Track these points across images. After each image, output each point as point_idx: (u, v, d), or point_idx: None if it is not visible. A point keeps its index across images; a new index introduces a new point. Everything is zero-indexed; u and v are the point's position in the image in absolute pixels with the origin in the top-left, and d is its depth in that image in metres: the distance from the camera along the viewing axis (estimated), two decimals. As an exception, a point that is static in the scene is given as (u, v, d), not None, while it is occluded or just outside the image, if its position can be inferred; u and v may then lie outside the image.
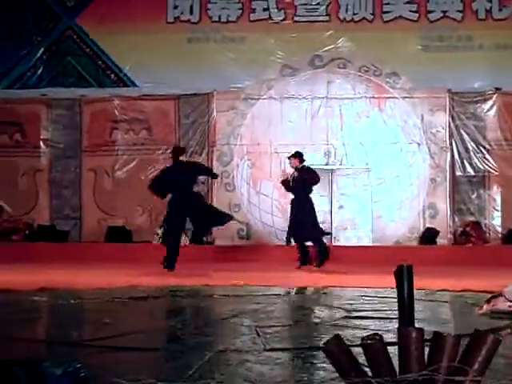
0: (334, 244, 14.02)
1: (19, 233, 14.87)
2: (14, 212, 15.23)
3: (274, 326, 5.26)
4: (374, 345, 2.98)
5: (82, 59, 15.27)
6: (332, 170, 14.37)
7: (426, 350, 2.93)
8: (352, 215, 14.36)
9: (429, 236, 14.14)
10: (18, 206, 15.17)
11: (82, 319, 5.83)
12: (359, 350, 3.06)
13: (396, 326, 5.24)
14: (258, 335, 4.72)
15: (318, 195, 14.16)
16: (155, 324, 5.40)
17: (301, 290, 8.23)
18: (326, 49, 14.65)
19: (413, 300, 3.12)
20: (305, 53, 14.64)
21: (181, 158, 11.55)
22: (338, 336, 3.13)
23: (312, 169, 12.18)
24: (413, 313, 3.10)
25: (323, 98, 14.59)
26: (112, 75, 15.24)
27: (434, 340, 2.92)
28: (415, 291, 7.08)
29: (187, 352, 4.18)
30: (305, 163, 12.01)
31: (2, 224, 15.00)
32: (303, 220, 11.59)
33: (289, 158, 12.09)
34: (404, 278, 3.11)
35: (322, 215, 14.11)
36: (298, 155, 11.95)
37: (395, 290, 7.67)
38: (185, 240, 14.49)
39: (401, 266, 3.13)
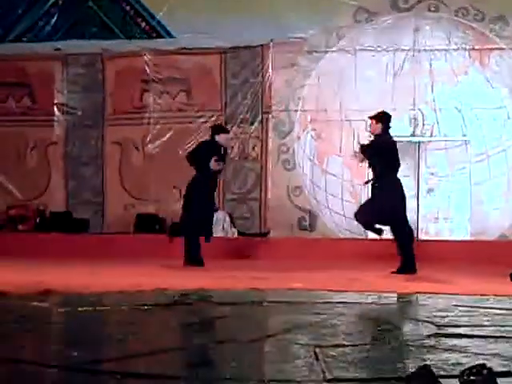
0: (421, 238, 13.91)
1: (28, 221, 15.07)
2: (21, 195, 15.42)
3: (338, 345, 4.93)
4: (481, 382, 2.56)
5: (104, 4, 15.31)
6: (419, 142, 14.25)
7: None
8: (445, 201, 14.20)
9: (543, 228, 13.84)
10: (27, 187, 15.36)
11: (87, 334, 5.57)
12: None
13: (505, 347, 4.90)
14: (317, 359, 4.41)
15: (400, 175, 13.95)
16: (181, 341, 5.12)
17: (376, 297, 7.89)
18: None
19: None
20: (385, -8, 14.38)
21: (217, 139, 11.58)
22: (426, 367, 2.75)
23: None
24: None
25: (409, 49, 14.40)
26: (142, 23, 15.28)
27: None
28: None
29: (217, 383, 3.89)
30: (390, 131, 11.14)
31: (8, 211, 15.10)
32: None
33: (370, 118, 11.24)
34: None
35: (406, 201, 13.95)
36: (381, 117, 10.92)
37: (501, 298, 7.21)
38: (232, 232, 14.42)
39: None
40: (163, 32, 15.18)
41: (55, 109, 15.43)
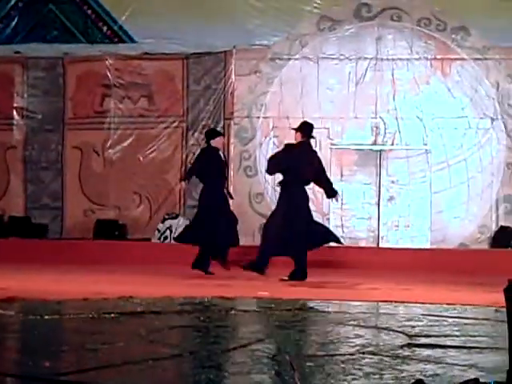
0: (381, 246, 13.93)
1: (-15, 226, 14.77)
2: (-22, 199, 15.11)
3: (313, 356, 4.87)
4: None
5: (66, 7, 15.15)
6: (381, 150, 14.27)
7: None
8: (405, 209, 14.21)
9: (503, 237, 13.95)
10: (-16, 191, 15.05)
11: (57, 342, 5.45)
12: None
13: (479, 357, 4.88)
14: (293, 369, 4.32)
15: (361, 183, 14.01)
16: (152, 351, 5.01)
17: (344, 305, 7.86)
18: None
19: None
20: (348, 1, 14.45)
21: (214, 144, 11.59)
22: (421, 381, 2.72)
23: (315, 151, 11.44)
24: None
25: (371, 58, 14.39)
26: (104, 28, 15.13)
27: None
28: (490, 308, 6.63)
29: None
30: (312, 140, 11.18)
31: (-35, 215, 14.92)
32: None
33: (293, 129, 11.35)
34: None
35: (367, 209, 13.99)
36: (304, 128, 11.08)
37: (467, 307, 7.21)
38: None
39: None
40: (125, 37, 15.05)
41: (15, 112, 15.22)
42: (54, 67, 15.16)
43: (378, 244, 14.14)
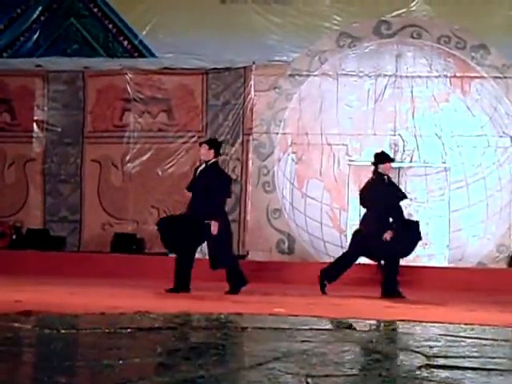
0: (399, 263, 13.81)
1: (3, 238, 14.96)
2: (-2, 212, 15.19)
3: (330, 375, 4.82)
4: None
5: (87, 21, 15.32)
6: (399, 168, 14.24)
7: None
8: (423, 227, 13.98)
9: (522, 256, 13.86)
10: (3, 204, 15.27)
11: (73, 357, 5.43)
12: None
13: (498, 380, 4.82)
14: (310, 389, 4.29)
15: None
16: (169, 367, 4.99)
17: (362, 324, 7.79)
18: (395, 13, 14.51)
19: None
20: (368, 18, 14.49)
21: (380, 170, 11.08)
22: None
23: (223, 172, 11.11)
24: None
25: (391, 75, 14.41)
26: (125, 42, 15.28)
27: None
28: (508, 328, 6.55)
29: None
30: (219, 158, 10.81)
31: (-16, 227, 14.98)
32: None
33: (200, 143, 11.01)
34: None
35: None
36: (211, 144, 10.68)
37: (485, 327, 7.15)
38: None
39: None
40: (145, 51, 15.18)
41: (35, 125, 15.36)
42: (74, 81, 15.29)
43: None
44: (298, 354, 5.72)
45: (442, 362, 5.50)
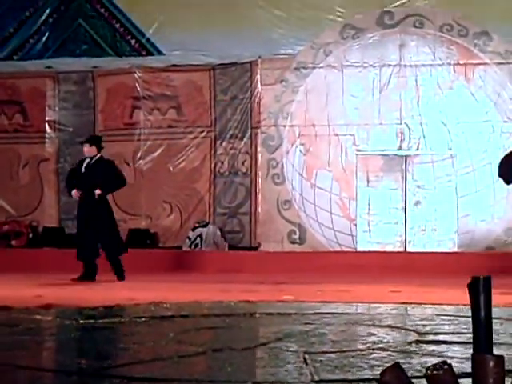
0: (408, 250, 14.14)
1: (21, 237, 15.28)
2: (14, 211, 15.65)
3: (326, 352, 5.30)
4: (441, 376, 3.01)
5: (95, 22, 15.66)
6: (406, 156, 14.53)
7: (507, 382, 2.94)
8: (431, 213, 14.45)
9: (530, 239, 14.03)
10: (19, 204, 15.63)
11: (91, 343, 5.97)
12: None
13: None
14: (306, 363, 4.78)
15: (388, 189, 14.31)
16: (179, 349, 5.49)
17: (364, 308, 8.26)
18: (398, 3, 14.71)
19: (491, 320, 3.13)
20: (371, 9, 14.72)
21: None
22: (397, 365, 3.17)
23: (113, 165, 12.05)
24: (491, 336, 3.12)
25: (395, 65, 14.67)
26: (132, 41, 15.58)
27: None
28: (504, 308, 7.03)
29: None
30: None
31: (1, 227, 15.33)
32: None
33: (81, 143, 12.01)
34: (480, 293, 3.12)
35: (393, 214, 14.29)
36: (93, 141, 11.80)
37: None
38: (223, 245, 14.73)
39: (476, 277, 3.15)
40: (153, 49, 15.39)
41: (47, 126, 15.66)
42: (84, 81, 15.59)
43: (405, 248, 14.40)
44: (300, 335, 6.22)
45: (431, 338, 5.99)
